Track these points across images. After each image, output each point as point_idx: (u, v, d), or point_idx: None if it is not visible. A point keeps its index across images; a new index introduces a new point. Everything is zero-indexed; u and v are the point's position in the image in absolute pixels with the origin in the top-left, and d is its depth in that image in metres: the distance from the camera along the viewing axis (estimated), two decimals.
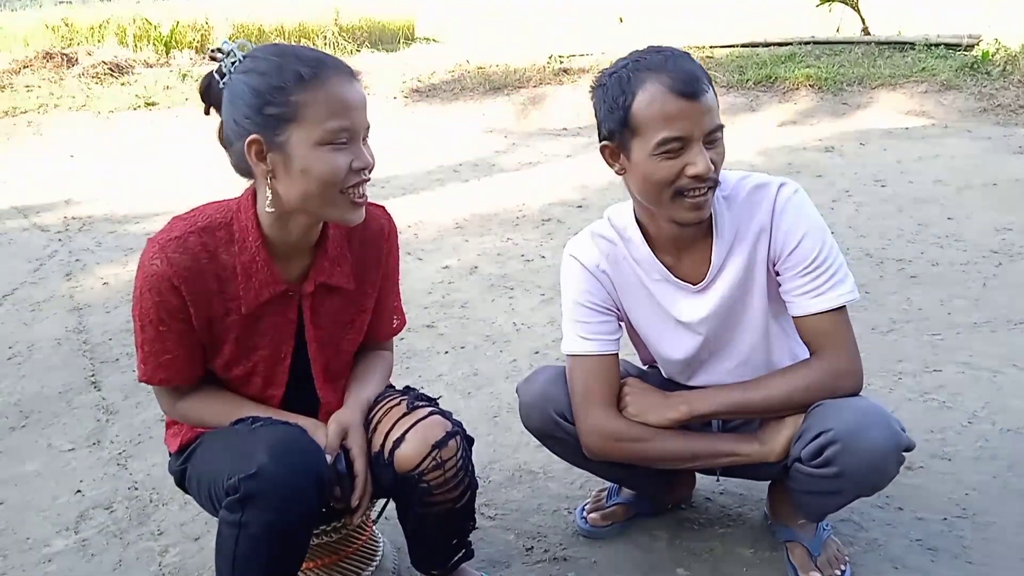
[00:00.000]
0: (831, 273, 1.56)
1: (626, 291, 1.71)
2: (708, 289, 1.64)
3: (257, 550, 1.34)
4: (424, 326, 3.31)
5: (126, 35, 11.48)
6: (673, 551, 1.88)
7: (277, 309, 1.49)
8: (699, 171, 1.46)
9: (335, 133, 1.34)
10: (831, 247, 1.58)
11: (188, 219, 1.45)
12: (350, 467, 1.49)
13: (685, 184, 1.48)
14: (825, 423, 1.51)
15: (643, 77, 1.47)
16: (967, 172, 5.15)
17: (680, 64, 1.47)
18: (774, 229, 1.58)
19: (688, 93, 1.44)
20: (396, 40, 15.11)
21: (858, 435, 1.48)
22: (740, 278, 1.62)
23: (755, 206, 1.60)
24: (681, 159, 1.47)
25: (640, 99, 1.47)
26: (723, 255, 1.61)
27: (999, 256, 3.71)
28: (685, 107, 1.44)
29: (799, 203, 1.58)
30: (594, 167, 5.94)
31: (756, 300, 1.65)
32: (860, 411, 1.51)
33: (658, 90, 1.45)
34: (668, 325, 1.70)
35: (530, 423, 1.76)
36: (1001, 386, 2.57)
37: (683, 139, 1.46)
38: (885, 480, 1.56)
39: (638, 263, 1.67)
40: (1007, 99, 6.84)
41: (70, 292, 3.95)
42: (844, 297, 1.57)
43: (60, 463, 2.46)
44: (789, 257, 1.57)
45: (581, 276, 1.69)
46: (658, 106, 1.45)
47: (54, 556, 2.02)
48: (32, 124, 8.33)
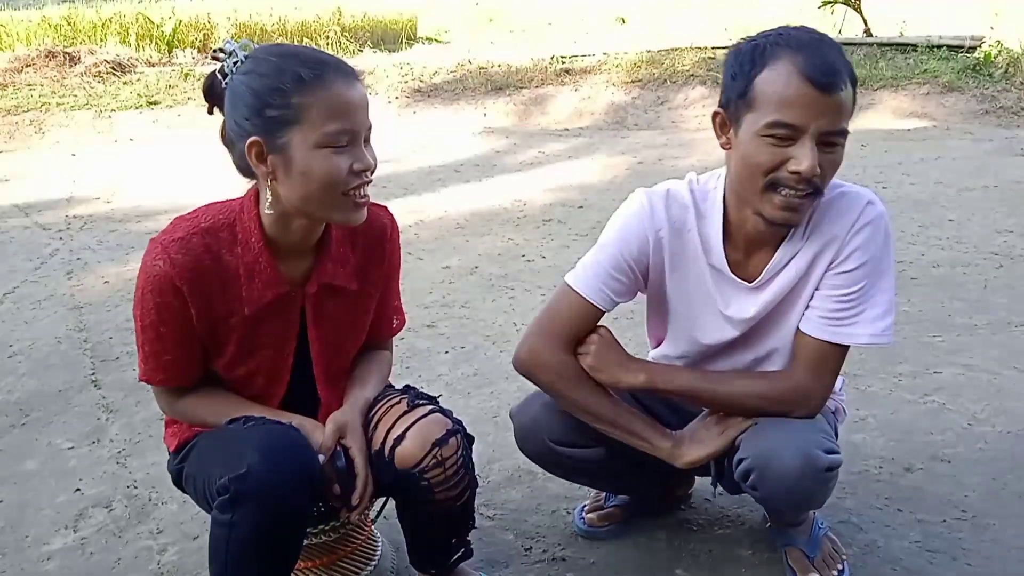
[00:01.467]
0: (861, 310, 1.50)
1: (678, 264, 1.60)
2: (762, 288, 1.56)
3: (249, 550, 1.34)
4: (425, 326, 3.31)
5: (128, 34, 11.48)
6: (672, 552, 1.88)
7: (280, 310, 1.49)
8: (801, 168, 1.35)
9: (335, 135, 1.33)
10: (880, 286, 1.50)
11: (191, 220, 1.45)
12: (350, 464, 1.49)
13: (782, 178, 1.38)
14: (746, 448, 1.52)
15: (779, 52, 1.36)
16: (968, 174, 5.15)
17: (824, 50, 1.35)
18: (845, 243, 1.49)
19: (819, 82, 1.32)
20: (398, 40, 15.11)
21: (771, 461, 1.48)
22: (794, 279, 1.54)
23: (838, 214, 1.50)
24: (786, 150, 1.36)
25: (767, 73, 1.36)
26: (788, 257, 1.53)
27: (1000, 258, 3.71)
28: (809, 95, 1.33)
29: (878, 229, 1.49)
30: (595, 168, 5.97)
31: (799, 306, 1.57)
32: (776, 436, 1.50)
33: (788, 69, 1.34)
34: (709, 312, 1.62)
35: (525, 450, 1.74)
36: (1001, 388, 2.57)
37: (795, 128, 1.34)
38: (813, 499, 1.56)
39: (703, 241, 1.56)
40: (1009, 101, 6.84)
41: (71, 291, 3.95)
42: (859, 339, 1.51)
43: (60, 461, 2.46)
44: (839, 275, 1.50)
45: (635, 232, 1.57)
46: (781, 85, 1.34)
47: (53, 554, 2.02)
48: (34, 123, 8.33)
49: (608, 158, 6.27)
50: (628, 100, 7.90)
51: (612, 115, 7.78)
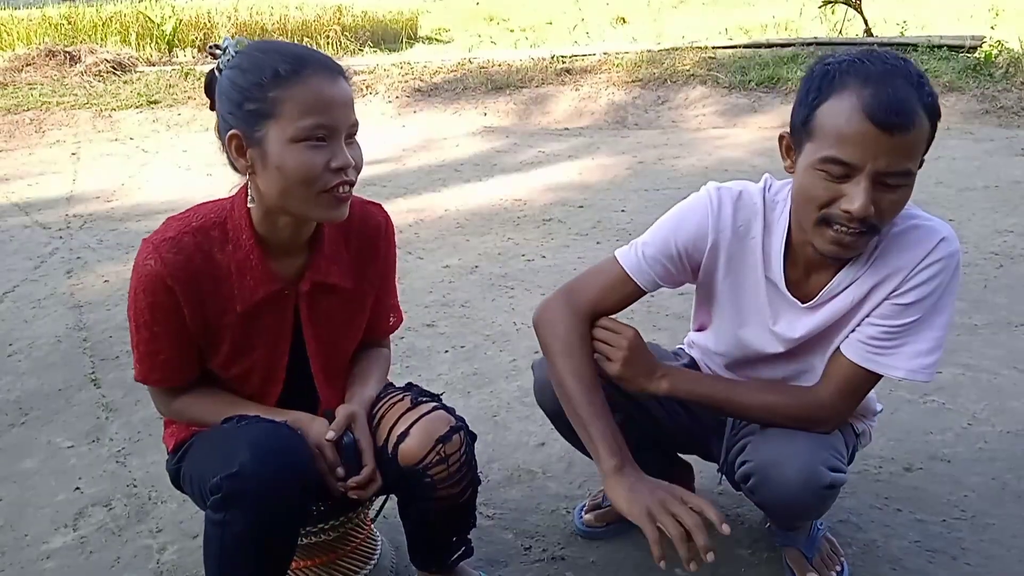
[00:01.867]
0: (905, 344, 1.45)
1: (734, 268, 1.55)
2: (815, 310, 1.51)
3: (242, 549, 1.34)
4: (424, 325, 3.31)
5: (128, 33, 11.50)
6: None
7: (273, 308, 1.49)
8: (853, 209, 1.29)
9: (310, 130, 1.32)
10: (932, 324, 1.46)
11: (183, 219, 1.45)
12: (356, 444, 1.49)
13: (834, 215, 1.32)
14: (752, 451, 1.51)
15: (846, 83, 1.29)
16: (969, 174, 5.15)
17: (895, 85, 1.26)
18: (909, 276, 1.42)
19: (881, 122, 1.24)
20: (399, 39, 15.11)
21: (772, 470, 1.47)
22: (848, 305, 1.49)
23: (909, 246, 1.43)
24: (841, 186, 1.30)
25: (830, 104, 1.30)
26: (847, 282, 1.47)
27: (1000, 258, 3.71)
28: (869, 134, 1.25)
29: (946, 269, 1.42)
30: (595, 167, 5.97)
31: (848, 330, 1.52)
32: (782, 445, 1.48)
33: (851, 103, 1.27)
34: (757, 323, 1.58)
35: (543, 401, 1.71)
36: (1001, 388, 2.57)
37: (850, 167, 1.28)
38: (809, 513, 1.55)
39: (765, 253, 1.52)
40: (1009, 101, 6.84)
41: (71, 289, 3.95)
42: (895, 371, 1.47)
43: (59, 460, 2.46)
44: (893, 306, 1.44)
45: (697, 226, 1.53)
46: (843, 120, 1.27)
47: (52, 553, 2.02)
48: (34, 121, 8.34)
49: (608, 158, 6.27)
50: (628, 100, 7.90)
51: (612, 115, 7.78)
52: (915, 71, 1.30)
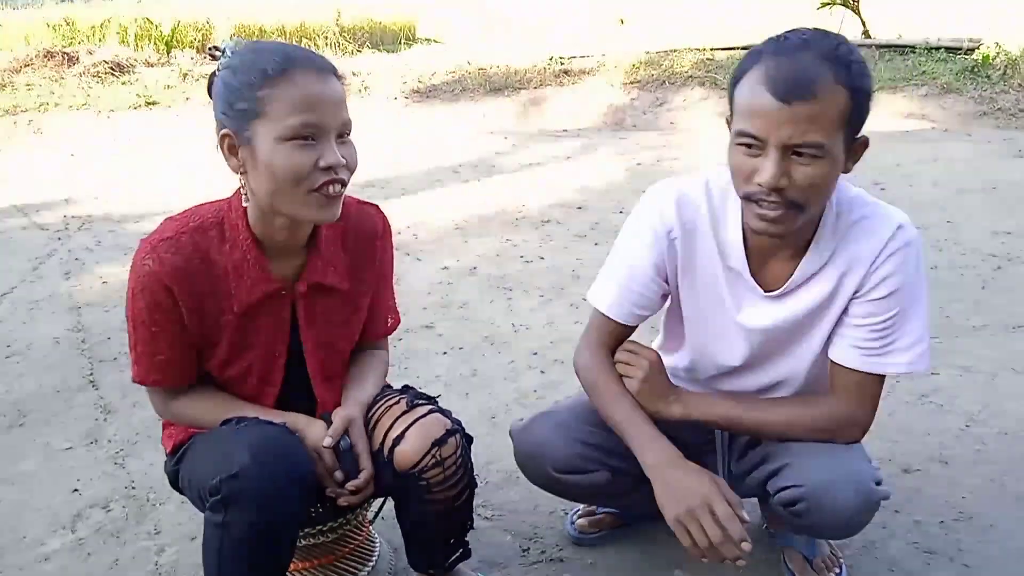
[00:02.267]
0: (895, 338, 1.45)
1: (691, 269, 1.56)
2: (782, 299, 1.51)
3: (241, 551, 1.34)
4: (423, 327, 3.31)
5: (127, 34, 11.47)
6: (670, 552, 1.88)
7: (271, 308, 1.50)
8: (763, 180, 1.31)
9: (297, 129, 1.31)
10: (913, 313, 1.45)
11: (180, 219, 1.45)
12: (353, 449, 1.49)
13: (751, 190, 1.34)
14: (799, 476, 1.48)
15: (759, 59, 1.32)
16: (966, 176, 5.16)
17: (797, 58, 1.28)
18: (873, 268, 1.44)
19: (778, 92, 1.26)
20: (397, 41, 15.11)
21: (826, 496, 1.45)
22: (818, 302, 1.49)
23: (865, 235, 1.44)
24: (755, 160, 1.32)
25: (743, 80, 1.33)
26: (810, 272, 1.47)
27: (998, 260, 3.71)
28: (769, 105, 1.27)
29: (909, 255, 1.43)
30: (594, 169, 5.97)
31: (821, 330, 1.52)
32: (833, 467, 1.46)
33: (756, 77, 1.30)
34: (723, 322, 1.58)
35: (526, 474, 1.72)
36: (998, 389, 2.57)
37: (757, 139, 1.30)
38: (856, 530, 1.54)
39: (719, 245, 1.52)
40: (1007, 103, 6.84)
41: (69, 291, 3.95)
42: (895, 368, 1.47)
43: (57, 462, 2.46)
44: (870, 302, 1.45)
45: (646, 236, 1.55)
46: (747, 94, 1.31)
47: (51, 555, 2.02)
48: (32, 123, 8.33)
49: (607, 159, 6.27)
50: (627, 101, 7.90)
51: (611, 116, 7.79)
52: (834, 46, 1.30)
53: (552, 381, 2.80)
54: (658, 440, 1.53)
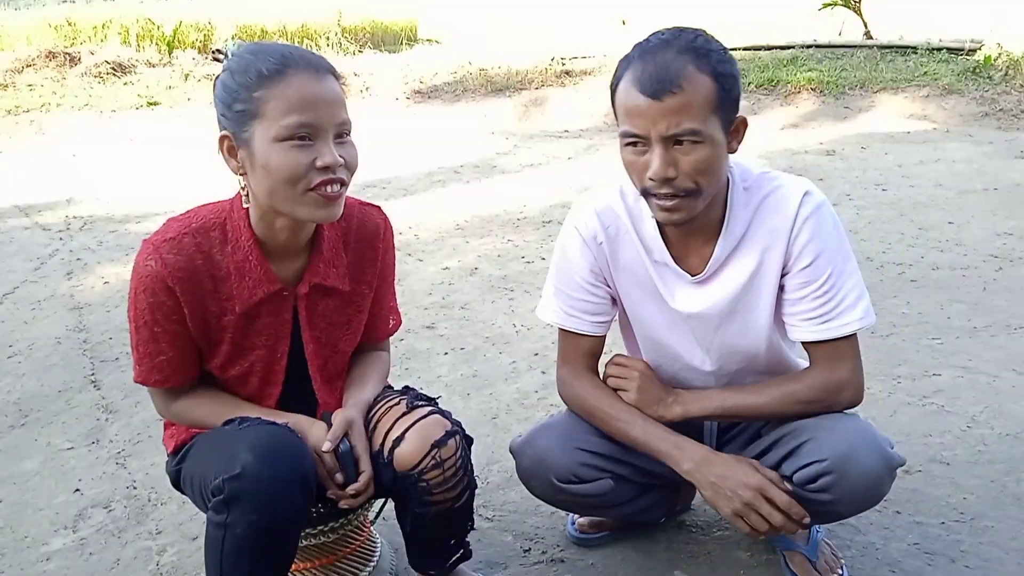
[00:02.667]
0: (840, 298, 1.50)
1: (622, 269, 1.63)
2: (708, 282, 1.57)
3: (244, 550, 1.35)
4: (424, 327, 3.31)
5: (129, 35, 11.49)
6: (671, 554, 1.88)
7: (272, 309, 1.50)
8: (652, 173, 1.40)
9: (293, 129, 1.32)
10: (845, 270, 1.51)
11: (183, 220, 1.46)
12: (353, 452, 1.49)
13: (647, 186, 1.43)
14: (819, 451, 1.49)
15: (629, 63, 1.42)
16: (968, 176, 5.15)
17: (660, 56, 1.38)
18: (792, 239, 1.50)
19: (647, 91, 1.36)
20: (399, 41, 15.12)
21: (851, 463, 1.46)
22: (746, 279, 1.55)
23: (774, 208, 1.52)
24: (644, 157, 1.41)
25: (620, 85, 1.43)
26: (728, 250, 1.54)
27: (999, 261, 3.71)
28: (642, 104, 1.37)
29: (822, 217, 1.50)
30: (596, 169, 5.97)
31: (762, 305, 1.57)
32: (851, 436, 1.49)
33: (628, 80, 1.40)
34: (659, 310, 1.63)
35: (530, 488, 1.72)
36: (999, 390, 2.57)
37: (639, 137, 1.40)
38: (878, 500, 1.55)
39: (642, 241, 1.59)
40: (1009, 104, 6.84)
41: (71, 291, 3.95)
42: (851, 326, 1.51)
43: (59, 462, 2.46)
44: (801, 272, 1.51)
45: (575, 246, 1.63)
46: (623, 97, 1.42)
47: (52, 555, 2.03)
48: (34, 123, 8.34)
49: (608, 159, 6.27)
50: None
51: (612, 116, 7.76)
52: (692, 39, 1.40)
53: (553, 382, 2.78)
54: (686, 443, 1.57)
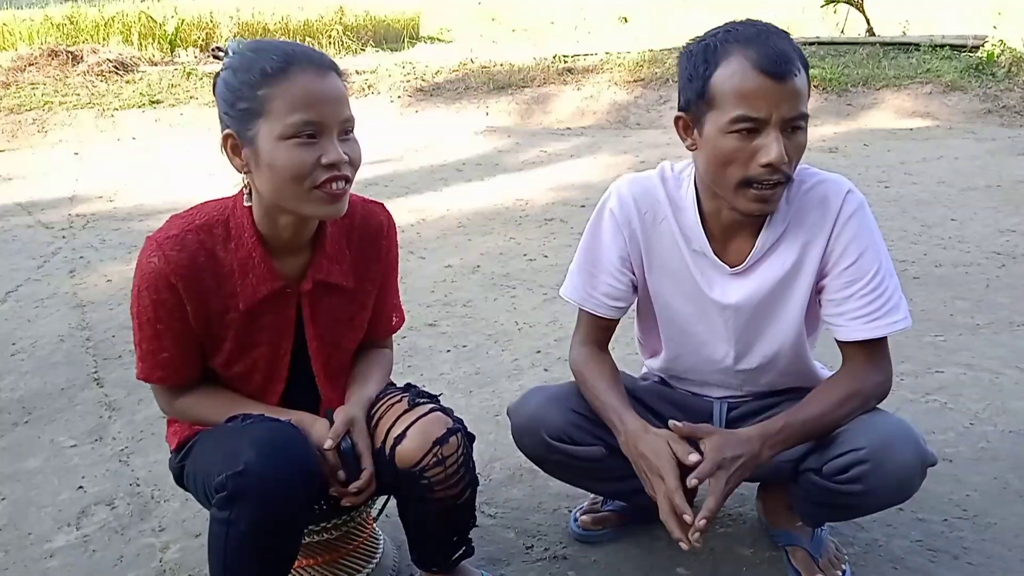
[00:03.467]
0: (887, 297, 1.50)
1: (655, 256, 1.62)
2: (747, 274, 1.56)
3: (247, 547, 1.35)
4: (426, 324, 3.31)
5: (131, 33, 11.51)
6: (673, 550, 1.88)
7: (276, 306, 1.50)
8: (771, 159, 1.36)
9: (298, 127, 1.32)
10: (889, 269, 1.51)
11: (186, 217, 1.46)
12: (355, 449, 1.49)
13: (754, 173, 1.39)
14: (855, 440, 1.47)
15: (730, 49, 1.38)
16: (971, 173, 5.15)
17: (772, 41, 1.37)
18: (833, 237, 1.50)
19: (773, 72, 1.34)
20: (401, 39, 15.12)
21: (888, 454, 1.45)
22: (785, 273, 1.54)
23: (817, 205, 1.51)
24: (754, 142, 1.38)
25: (721, 71, 1.38)
26: (768, 243, 1.53)
27: (1002, 258, 3.71)
28: (767, 86, 1.35)
29: (864, 217, 1.50)
30: (597, 167, 5.97)
31: (796, 300, 1.56)
32: (889, 429, 1.48)
33: (742, 64, 1.36)
34: (697, 299, 1.61)
35: (522, 447, 1.72)
36: (1003, 387, 2.56)
37: (759, 120, 1.36)
38: (907, 496, 1.53)
39: (681, 230, 1.58)
40: (1012, 101, 6.83)
41: (73, 289, 3.96)
42: (898, 324, 1.51)
43: (62, 459, 2.46)
44: (845, 271, 1.50)
45: (608, 229, 1.62)
46: (738, 80, 1.36)
47: (56, 552, 2.03)
48: (37, 122, 8.35)
49: (610, 157, 6.27)
50: (630, 99, 7.90)
51: (614, 114, 7.79)
52: (780, 29, 1.43)
53: (555, 379, 2.79)
54: (628, 415, 1.57)
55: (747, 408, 1.74)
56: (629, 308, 1.72)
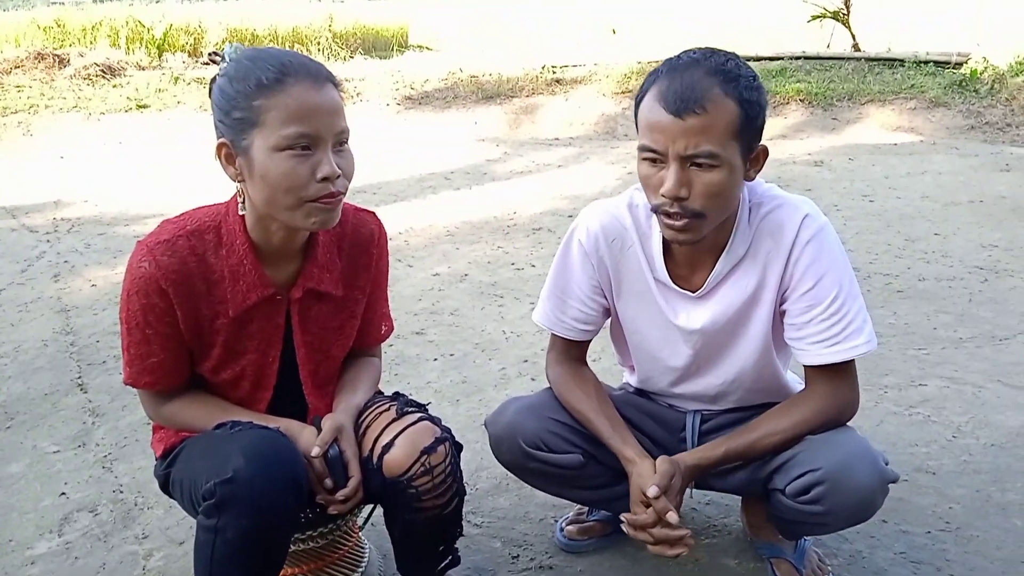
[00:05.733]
0: (848, 321, 1.50)
1: (624, 282, 1.65)
2: (707, 298, 1.59)
3: (234, 555, 1.34)
4: (414, 333, 3.31)
5: (118, 37, 11.44)
6: (658, 561, 1.89)
7: (265, 313, 1.50)
8: (665, 190, 1.41)
9: (292, 139, 1.32)
10: (850, 293, 1.51)
11: (177, 222, 1.45)
12: (342, 457, 1.49)
13: (658, 202, 1.44)
14: (812, 461, 1.49)
15: (656, 79, 1.43)
16: (954, 188, 5.20)
17: (687, 76, 1.38)
18: (791, 262, 1.51)
19: (670, 107, 1.37)
20: (390, 47, 15.12)
21: (845, 475, 1.46)
22: (747, 297, 1.56)
23: (775, 229, 1.53)
24: (660, 173, 1.42)
25: (644, 101, 1.44)
26: (728, 267, 1.56)
27: (985, 272, 3.75)
28: (665, 121, 1.38)
29: (823, 241, 1.51)
30: (585, 177, 5.99)
31: (758, 323, 1.59)
32: (847, 449, 1.49)
33: (653, 96, 1.41)
34: (662, 325, 1.65)
35: (500, 455, 1.73)
36: (985, 401, 2.59)
37: (657, 152, 1.41)
38: (869, 515, 1.55)
39: (648, 258, 1.61)
40: (994, 117, 6.91)
41: (58, 294, 3.93)
42: (860, 348, 1.51)
43: (45, 465, 2.44)
44: (804, 296, 1.51)
45: (576, 258, 1.66)
46: (646, 112, 1.42)
47: (37, 558, 2.01)
48: (22, 125, 8.29)
49: (598, 168, 6.29)
50: (618, 110, 7.93)
51: (602, 125, 7.82)
52: (722, 62, 1.40)
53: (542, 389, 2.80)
54: (640, 458, 1.60)
55: (720, 420, 1.75)
56: (600, 329, 1.76)
